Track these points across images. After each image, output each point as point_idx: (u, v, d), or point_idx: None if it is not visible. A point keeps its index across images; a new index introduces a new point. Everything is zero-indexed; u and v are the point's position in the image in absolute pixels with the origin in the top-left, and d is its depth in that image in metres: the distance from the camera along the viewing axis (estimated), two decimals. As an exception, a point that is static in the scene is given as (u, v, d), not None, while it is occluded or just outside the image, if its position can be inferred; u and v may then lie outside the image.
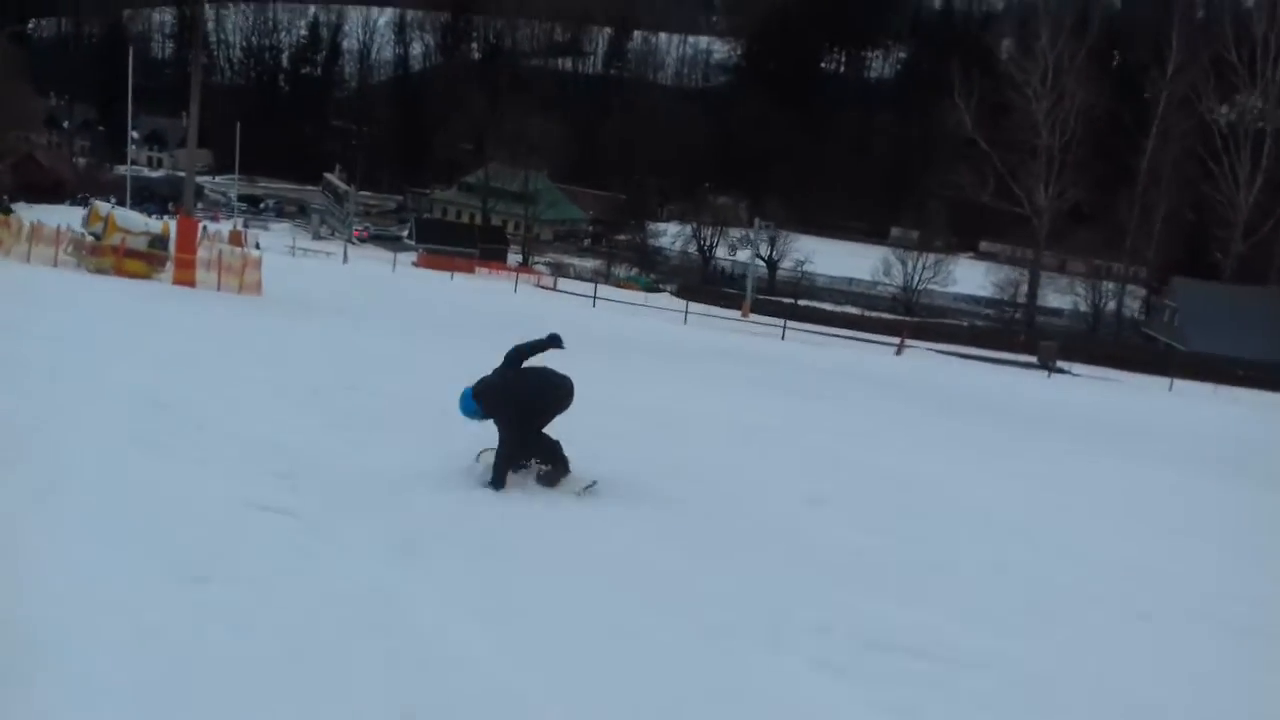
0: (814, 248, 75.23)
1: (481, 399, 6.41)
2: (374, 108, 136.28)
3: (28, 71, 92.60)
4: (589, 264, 78.90)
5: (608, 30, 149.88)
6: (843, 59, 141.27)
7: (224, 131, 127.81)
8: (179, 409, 7.50)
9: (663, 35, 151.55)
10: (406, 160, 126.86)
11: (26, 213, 54.16)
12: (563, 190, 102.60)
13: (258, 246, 42.47)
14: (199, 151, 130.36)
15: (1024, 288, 72.44)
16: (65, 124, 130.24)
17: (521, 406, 6.41)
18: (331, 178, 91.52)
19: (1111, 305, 70.99)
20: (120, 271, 23.33)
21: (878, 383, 22.23)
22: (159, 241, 24.10)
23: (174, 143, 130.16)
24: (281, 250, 54.63)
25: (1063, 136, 68.09)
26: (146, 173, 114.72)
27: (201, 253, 23.15)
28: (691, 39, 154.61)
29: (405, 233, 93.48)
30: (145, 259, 23.81)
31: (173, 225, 25.44)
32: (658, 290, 64.95)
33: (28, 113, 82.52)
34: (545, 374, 6.61)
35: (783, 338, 36.75)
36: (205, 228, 41.93)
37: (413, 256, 67.17)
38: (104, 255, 24.00)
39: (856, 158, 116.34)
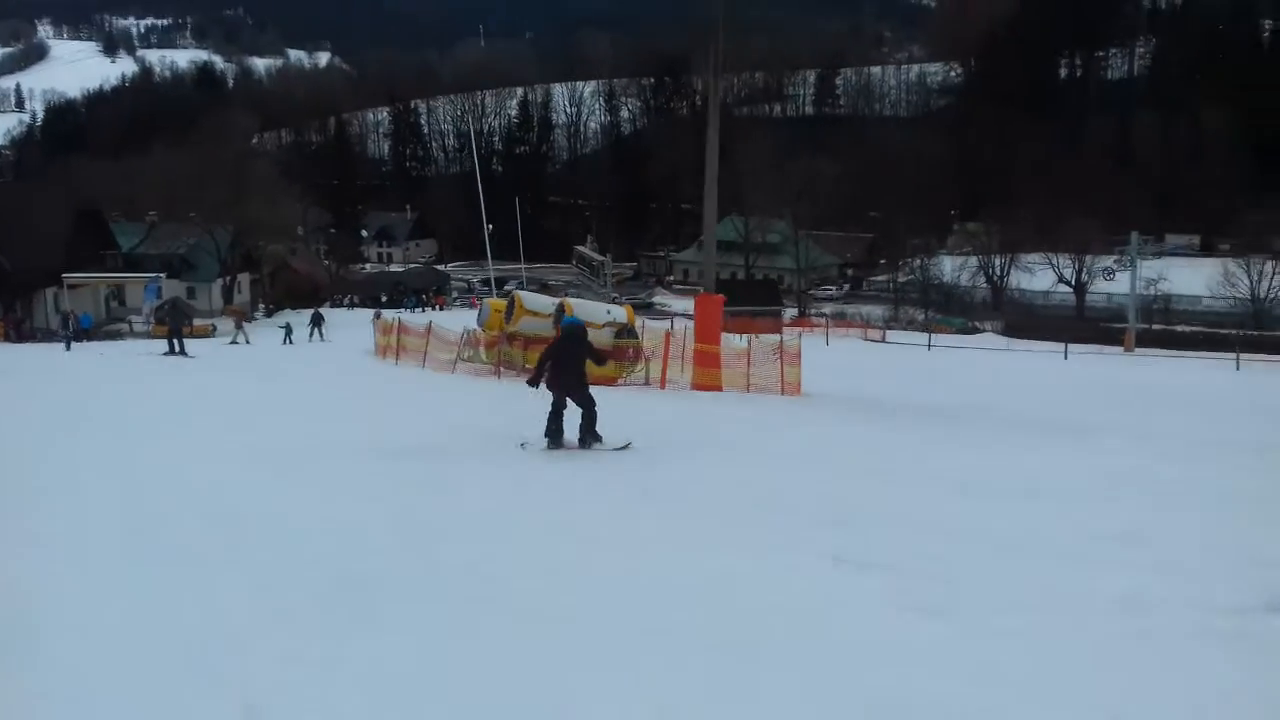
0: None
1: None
2: (591, 178, 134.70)
3: (270, 184, 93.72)
4: (871, 310, 72.44)
5: (812, 73, 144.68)
6: (1077, 63, 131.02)
7: (445, 220, 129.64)
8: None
9: (874, 69, 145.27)
10: (630, 225, 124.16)
11: (291, 317, 52.82)
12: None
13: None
14: (425, 242, 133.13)
15: None
16: (300, 230, 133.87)
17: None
18: (584, 249, 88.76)
19: None
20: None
21: None
22: (627, 332, 19.42)
23: (402, 237, 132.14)
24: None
25: None
26: (388, 268, 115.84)
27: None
28: (904, 68, 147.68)
29: (655, 299, 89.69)
30: (613, 356, 19.11)
31: (618, 312, 20.77)
32: (974, 330, 57.99)
33: (278, 223, 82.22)
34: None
35: None
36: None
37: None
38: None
39: (1118, 165, 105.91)
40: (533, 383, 10.20)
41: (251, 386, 18.39)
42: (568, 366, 10.06)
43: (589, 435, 10.06)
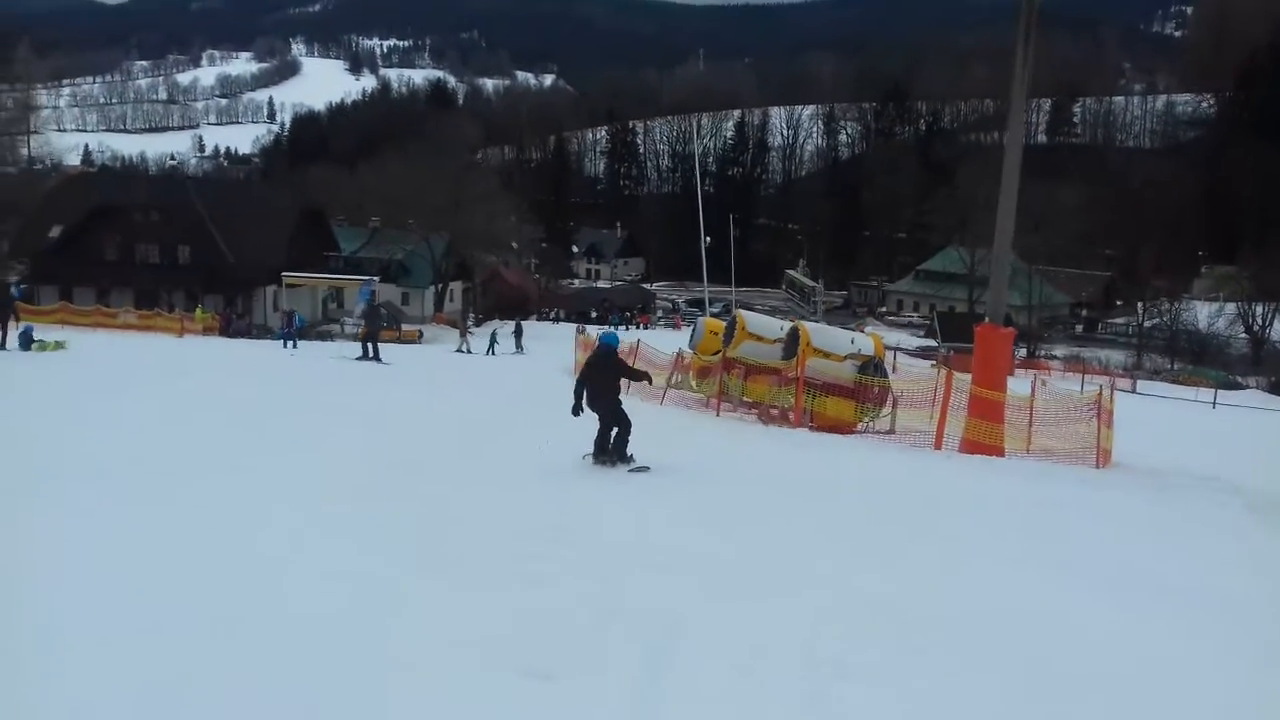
0: None
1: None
2: (803, 203, 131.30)
3: (489, 196, 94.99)
4: (1110, 355, 66.14)
5: (1047, 100, 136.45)
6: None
7: (654, 239, 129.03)
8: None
9: (1117, 99, 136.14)
10: (841, 252, 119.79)
11: (497, 326, 51.70)
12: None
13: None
14: (634, 260, 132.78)
15: None
16: (514, 244, 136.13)
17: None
18: (795, 274, 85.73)
19: None
20: (818, 418, 15.85)
21: None
22: (874, 367, 16.50)
23: (611, 254, 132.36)
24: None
25: None
26: (596, 284, 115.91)
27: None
28: (1149, 98, 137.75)
29: (866, 329, 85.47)
30: (855, 395, 16.22)
31: (865, 342, 17.78)
32: (1237, 385, 51.61)
33: (493, 234, 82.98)
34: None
35: None
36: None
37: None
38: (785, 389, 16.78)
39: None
40: (575, 411, 10.30)
41: (437, 407, 16.62)
42: (596, 384, 10.38)
43: (615, 454, 10.38)
